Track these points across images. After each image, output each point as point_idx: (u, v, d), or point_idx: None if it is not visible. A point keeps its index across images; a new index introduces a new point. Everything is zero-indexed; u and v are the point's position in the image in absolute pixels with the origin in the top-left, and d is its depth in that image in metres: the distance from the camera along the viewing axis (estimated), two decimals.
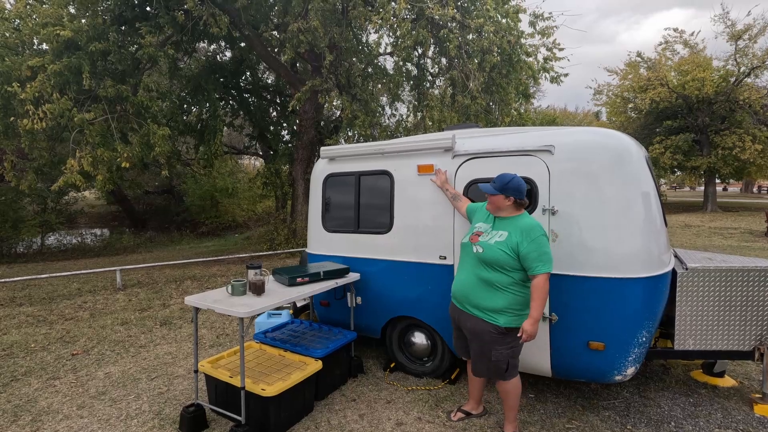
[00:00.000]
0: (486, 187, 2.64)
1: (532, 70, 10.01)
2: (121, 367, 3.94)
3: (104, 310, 5.85)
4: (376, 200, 3.72)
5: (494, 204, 2.63)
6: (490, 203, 2.66)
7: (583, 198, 2.83)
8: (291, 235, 11.07)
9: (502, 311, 2.53)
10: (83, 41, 7.22)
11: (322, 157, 4.00)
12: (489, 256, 2.53)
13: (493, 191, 2.59)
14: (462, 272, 2.73)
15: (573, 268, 2.86)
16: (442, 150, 3.37)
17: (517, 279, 2.53)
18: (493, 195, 2.61)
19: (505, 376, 2.62)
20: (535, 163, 3.00)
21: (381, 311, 3.73)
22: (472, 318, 2.62)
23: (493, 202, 2.63)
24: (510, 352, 2.58)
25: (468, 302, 2.64)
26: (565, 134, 2.98)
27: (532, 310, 2.47)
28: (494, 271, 2.53)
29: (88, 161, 7.33)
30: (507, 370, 2.60)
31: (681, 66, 22.09)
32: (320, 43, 8.46)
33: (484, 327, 2.56)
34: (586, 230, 2.83)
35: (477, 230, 2.72)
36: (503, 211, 2.64)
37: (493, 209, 2.65)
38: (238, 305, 2.72)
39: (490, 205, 2.65)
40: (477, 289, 2.59)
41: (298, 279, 3.22)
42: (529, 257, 2.45)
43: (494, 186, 2.60)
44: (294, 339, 3.54)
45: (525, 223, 2.57)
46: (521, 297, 2.55)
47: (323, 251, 4.01)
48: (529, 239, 2.47)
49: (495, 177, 2.67)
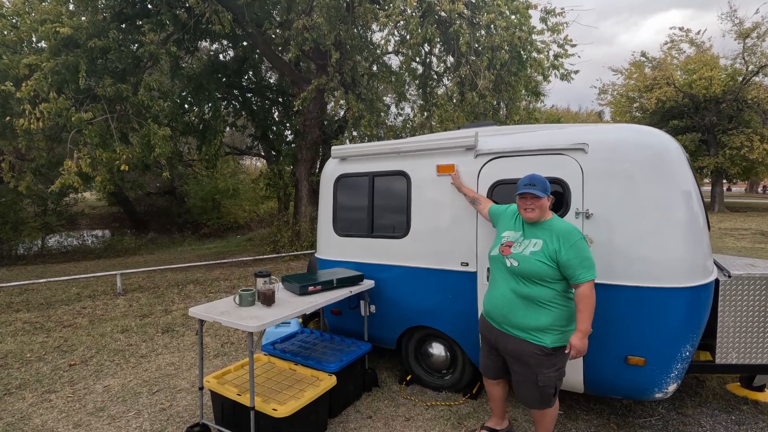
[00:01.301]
0: (528, 190, 2.29)
1: (542, 68, 9.79)
2: (120, 380, 3.72)
3: (104, 316, 5.63)
4: (391, 203, 3.50)
5: (541, 209, 2.32)
6: (532, 209, 2.32)
7: (620, 200, 2.61)
8: (295, 238, 10.85)
9: (547, 330, 2.26)
10: (83, 38, 7.02)
11: (333, 156, 3.79)
12: (527, 269, 2.26)
13: (540, 194, 2.28)
14: (496, 288, 2.43)
15: (610, 276, 2.63)
16: (464, 149, 3.15)
17: (560, 291, 2.27)
18: (539, 199, 2.30)
19: (551, 402, 2.38)
20: (566, 163, 2.77)
21: (397, 321, 3.50)
22: (513, 339, 2.33)
23: (541, 206, 2.32)
24: (557, 374, 2.32)
25: (507, 322, 2.36)
26: (600, 131, 2.76)
27: (580, 323, 2.21)
28: (534, 285, 2.26)
29: (86, 162, 7.12)
30: (554, 395, 2.36)
31: (687, 65, 21.85)
32: (325, 41, 8.25)
33: (528, 349, 2.28)
34: (624, 235, 2.60)
35: (506, 240, 2.43)
36: (544, 214, 2.38)
37: (537, 215, 2.33)
38: (247, 318, 2.50)
39: (533, 212, 2.32)
40: (516, 307, 2.31)
41: (310, 288, 3.00)
42: (571, 264, 2.20)
43: (538, 189, 2.29)
44: (305, 351, 3.32)
45: (560, 227, 2.31)
46: (566, 311, 2.29)
47: (334, 257, 3.79)
48: (568, 244, 2.22)
49: (525, 179, 2.36)
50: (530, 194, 2.31)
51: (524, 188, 2.32)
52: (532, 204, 2.32)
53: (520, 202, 2.38)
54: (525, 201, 2.35)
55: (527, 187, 2.31)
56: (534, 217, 2.34)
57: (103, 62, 8.18)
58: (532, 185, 2.31)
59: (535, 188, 2.30)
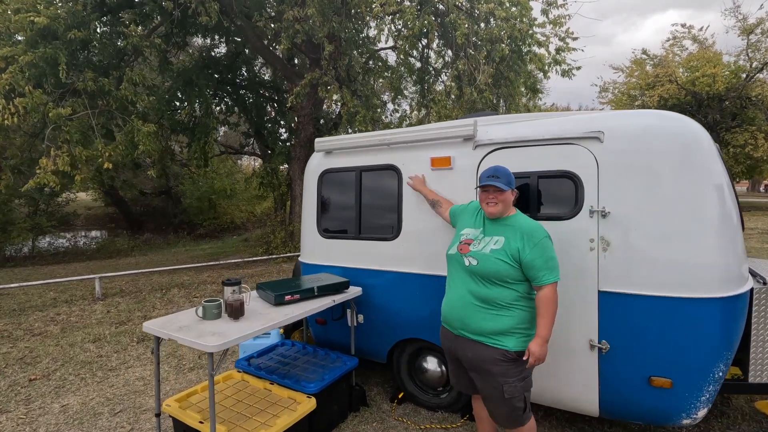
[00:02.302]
0: (491, 182, 2.06)
1: (541, 63, 9.43)
2: (81, 397, 3.36)
3: (78, 323, 5.27)
4: (380, 200, 3.14)
5: (504, 203, 2.10)
6: (495, 203, 2.09)
7: (642, 196, 2.26)
8: (288, 238, 10.49)
9: (509, 332, 2.01)
10: (61, 30, 6.65)
11: (317, 150, 3.43)
12: (486, 268, 2.02)
13: (504, 187, 2.05)
14: (453, 290, 2.19)
15: (630, 284, 2.28)
16: (461, 139, 2.79)
17: (522, 292, 2.04)
18: (502, 192, 2.07)
19: (522, 418, 2.06)
20: (578, 154, 2.41)
21: (387, 332, 3.14)
22: (472, 345, 2.07)
23: (505, 200, 2.09)
24: (524, 384, 2.04)
25: (465, 327, 2.10)
26: (618, 117, 2.40)
27: (540, 328, 1.98)
28: (494, 286, 2.02)
29: (64, 160, 6.74)
30: (525, 409, 2.05)
31: (690, 62, 21.49)
32: (318, 33, 7.90)
33: (489, 354, 2.01)
34: (646, 237, 2.25)
35: (465, 238, 2.20)
36: (507, 210, 2.13)
37: (500, 210, 2.10)
38: (207, 334, 2.14)
39: (496, 207, 2.09)
40: (475, 310, 2.06)
41: (287, 297, 2.64)
42: (534, 265, 1.97)
43: (502, 181, 2.06)
44: (283, 367, 2.96)
45: (524, 224, 2.08)
46: (530, 312, 2.05)
47: (319, 260, 3.43)
48: (533, 243, 1.99)
49: (488, 171, 2.14)
50: (493, 187, 2.08)
51: (486, 180, 2.10)
52: (495, 198, 2.10)
53: (482, 196, 2.16)
54: (487, 194, 2.12)
55: (490, 179, 2.09)
56: (496, 212, 2.11)
57: (85, 55, 7.82)
58: (495, 177, 2.09)
59: (498, 180, 2.07)
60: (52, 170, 6.87)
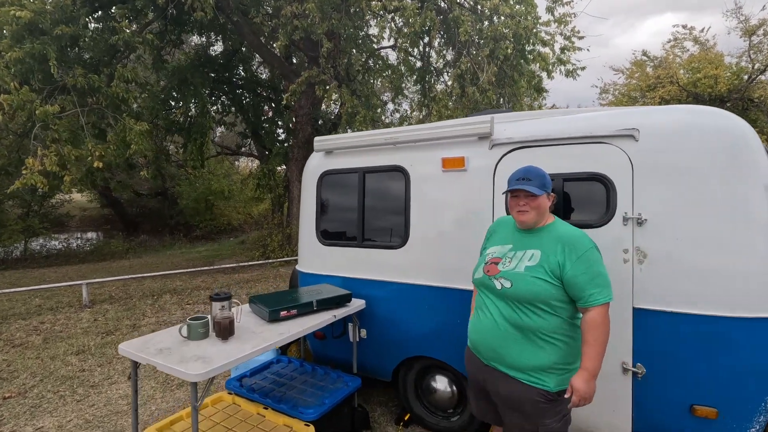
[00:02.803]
0: (521, 186, 1.73)
1: (545, 62, 9.20)
2: (58, 419, 3.07)
3: (62, 333, 4.98)
4: (386, 205, 2.87)
5: (539, 210, 1.76)
6: (526, 211, 1.75)
7: (684, 201, 2.00)
8: (285, 241, 10.21)
9: (551, 369, 1.68)
10: (47, 25, 6.37)
11: (317, 150, 3.16)
12: (522, 290, 1.68)
13: (537, 191, 1.71)
14: (483, 314, 1.84)
15: (669, 301, 2.02)
16: (476, 138, 2.53)
17: (567, 317, 1.70)
18: (535, 198, 1.73)
19: None
20: (610, 154, 2.16)
21: (392, 349, 2.87)
22: (507, 381, 1.74)
23: (539, 207, 1.75)
24: (561, 424, 1.73)
25: (499, 359, 1.76)
26: (655, 113, 2.15)
27: (586, 359, 1.62)
28: (534, 312, 1.67)
29: (52, 160, 6.45)
30: None
31: (691, 63, 21.34)
32: (317, 30, 7.64)
33: (527, 394, 1.69)
34: (689, 248, 1.99)
35: (491, 257, 1.86)
36: (542, 218, 1.79)
37: (533, 218, 1.76)
38: (190, 359, 1.86)
39: (528, 215, 1.76)
40: (511, 341, 1.72)
41: (282, 312, 2.37)
42: (579, 282, 1.63)
43: (534, 184, 1.73)
44: (279, 389, 2.68)
45: (564, 232, 1.73)
46: (574, 344, 1.71)
47: (318, 270, 3.16)
48: (576, 255, 1.65)
49: (518, 173, 1.81)
50: (524, 191, 1.75)
51: (516, 184, 1.77)
52: (527, 204, 1.75)
53: (512, 202, 1.83)
54: (518, 201, 1.79)
55: (520, 183, 1.76)
56: (529, 221, 1.77)
57: (76, 52, 7.53)
58: (526, 180, 1.76)
59: (530, 183, 1.74)
60: (39, 170, 6.58)
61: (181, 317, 5.51)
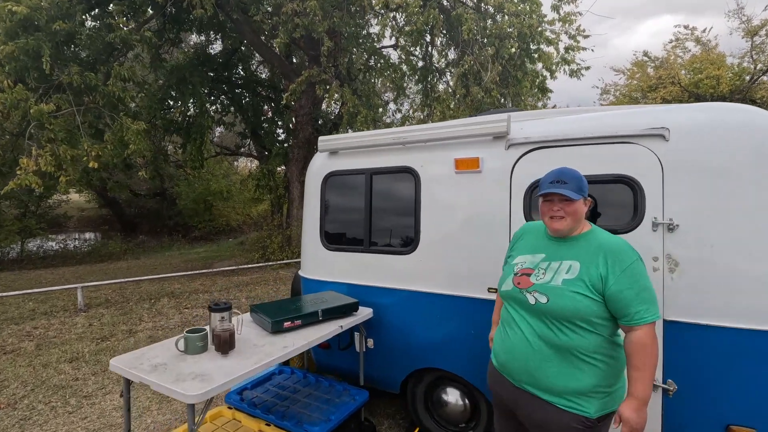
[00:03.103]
0: (556, 189, 1.55)
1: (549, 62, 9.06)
2: None
3: (56, 339, 4.82)
4: (395, 208, 2.73)
5: (575, 216, 1.57)
6: (561, 218, 1.57)
7: (720, 205, 1.86)
8: (285, 243, 10.06)
9: (591, 393, 1.49)
10: (43, 20, 6.21)
11: (321, 150, 3.01)
12: (560, 307, 1.49)
13: (574, 195, 1.53)
14: (513, 331, 1.63)
15: (704, 313, 1.88)
16: (491, 137, 2.39)
17: (608, 336, 1.50)
18: (571, 203, 1.55)
19: None
20: (638, 155, 2.02)
21: (401, 360, 2.73)
22: (542, 406, 1.54)
23: (575, 212, 1.56)
24: None
25: (533, 382, 1.56)
26: (686, 111, 2.01)
27: (636, 386, 1.42)
28: (572, 331, 1.48)
29: (47, 160, 6.30)
30: None
31: (693, 63, 21.24)
32: (318, 28, 7.49)
33: (563, 420, 1.50)
34: (725, 256, 1.85)
35: (521, 268, 1.66)
36: (578, 225, 1.62)
37: (569, 226, 1.57)
38: (187, 377, 1.72)
39: (563, 222, 1.57)
40: (548, 362, 1.53)
41: (286, 323, 2.23)
42: (623, 298, 1.44)
43: (570, 187, 1.54)
44: (282, 403, 2.54)
45: (606, 242, 1.54)
46: (615, 365, 1.52)
47: (322, 276, 3.01)
48: (620, 268, 1.46)
49: (551, 174, 1.62)
50: (558, 195, 1.57)
51: (549, 186, 1.58)
52: (561, 209, 1.57)
53: (545, 207, 1.64)
54: (551, 205, 1.60)
55: (554, 186, 1.57)
56: (564, 228, 1.58)
57: (72, 50, 7.38)
58: (561, 182, 1.57)
59: (565, 186, 1.55)
60: (34, 171, 6.42)
61: (179, 322, 5.36)
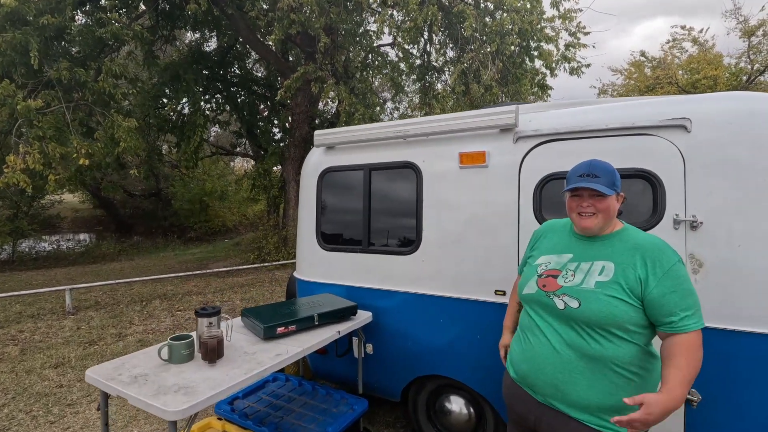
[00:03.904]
0: (586, 184, 1.39)
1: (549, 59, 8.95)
2: None
3: (41, 343, 4.64)
4: (395, 206, 2.59)
5: (607, 214, 1.40)
6: (593, 215, 1.41)
7: (746, 201, 1.73)
8: (281, 244, 9.89)
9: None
10: (31, 14, 6.03)
11: (317, 145, 2.86)
12: (594, 312, 1.33)
13: (606, 190, 1.36)
14: (537, 339, 1.47)
15: (731, 318, 1.74)
16: (497, 130, 2.25)
17: (643, 345, 1.36)
18: (603, 198, 1.39)
19: None
20: (657, 147, 1.88)
21: (402, 367, 2.58)
22: (569, 423, 1.39)
23: (607, 209, 1.40)
24: None
25: (561, 397, 1.40)
26: (709, 101, 1.87)
27: (673, 383, 1.22)
28: (605, 339, 1.33)
29: (35, 158, 6.11)
30: None
31: (690, 64, 21.25)
32: (314, 25, 7.34)
33: None
34: (754, 256, 1.71)
35: (547, 269, 1.51)
36: (609, 224, 1.45)
37: (600, 224, 1.42)
38: (170, 390, 1.56)
39: (593, 219, 1.41)
40: (578, 374, 1.36)
41: (279, 329, 2.07)
42: (667, 303, 1.28)
43: (602, 182, 1.38)
44: (276, 413, 2.38)
45: (643, 241, 1.39)
46: (650, 378, 1.37)
47: (318, 278, 2.86)
48: (662, 270, 1.31)
49: (580, 167, 1.45)
50: (589, 190, 1.41)
51: (578, 180, 1.42)
52: (592, 206, 1.41)
53: (572, 203, 1.47)
54: (580, 201, 1.44)
55: (583, 180, 1.40)
56: (593, 226, 1.43)
57: (62, 45, 7.19)
58: (591, 176, 1.40)
59: (596, 180, 1.39)
60: (22, 169, 6.24)
61: (171, 325, 5.19)
